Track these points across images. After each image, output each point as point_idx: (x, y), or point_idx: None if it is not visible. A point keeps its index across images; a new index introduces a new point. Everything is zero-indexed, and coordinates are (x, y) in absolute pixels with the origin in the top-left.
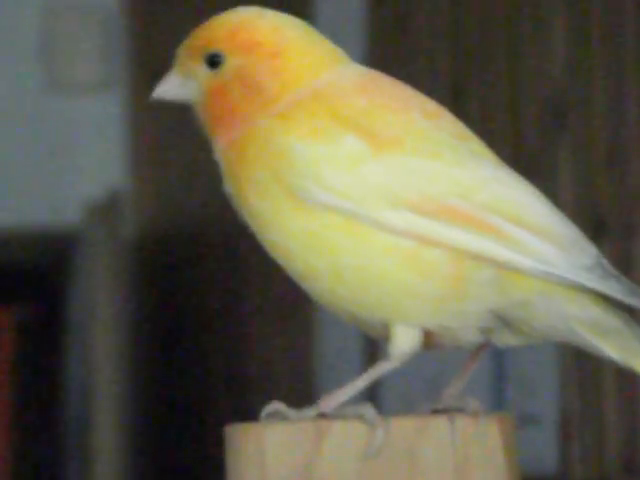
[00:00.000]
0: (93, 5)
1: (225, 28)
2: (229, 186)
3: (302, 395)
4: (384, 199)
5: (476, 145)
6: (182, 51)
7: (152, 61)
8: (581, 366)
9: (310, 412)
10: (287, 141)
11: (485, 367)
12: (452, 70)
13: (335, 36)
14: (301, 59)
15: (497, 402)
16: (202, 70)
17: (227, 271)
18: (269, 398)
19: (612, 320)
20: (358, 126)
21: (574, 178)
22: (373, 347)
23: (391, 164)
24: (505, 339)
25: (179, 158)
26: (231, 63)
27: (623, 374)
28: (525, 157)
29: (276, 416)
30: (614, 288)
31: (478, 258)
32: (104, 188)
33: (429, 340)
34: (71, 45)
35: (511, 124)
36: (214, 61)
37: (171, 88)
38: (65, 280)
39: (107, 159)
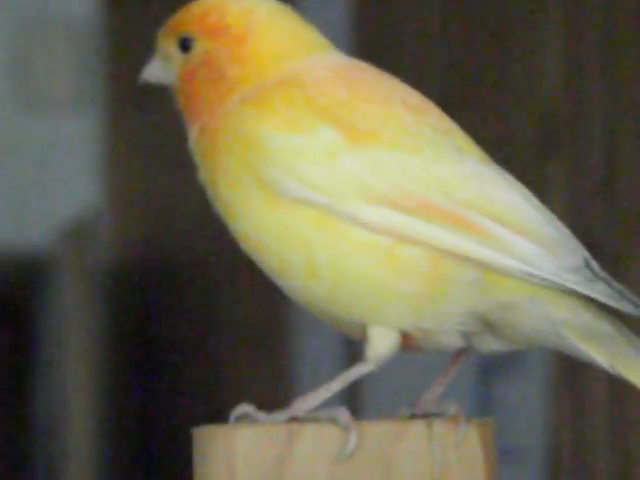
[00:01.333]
0: (67, 23)
1: (196, 12)
2: (202, 174)
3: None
4: (360, 193)
5: (461, 141)
6: (161, 35)
7: (127, 79)
8: (572, 396)
9: (281, 416)
10: (260, 130)
11: (471, 395)
12: (441, 87)
13: None
14: (270, 45)
15: None
16: (177, 54)
17: (202, 295)
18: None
19: (602, 325)
20: (335, 117)
21: (566, 200)
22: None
23: (368, 157)
24: (488, 343)
25: (154, 180)
26: (200, 47)
27: (615, 405)
28: (516, 177)
29: (245, 419)
30: (601, 291)
31: (458, 257)
32: (77, 209)
33: (408, 342)
34: (44, 63)
35: (502, 143)
36: (186, 45)
37: (154, 71)
38: (35, 304)
39: (80, 180)
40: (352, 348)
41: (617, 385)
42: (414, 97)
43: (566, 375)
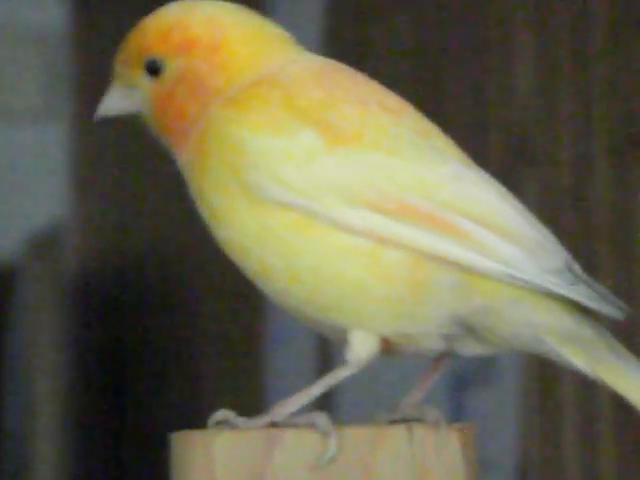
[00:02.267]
0: (36, 33)
1: (158, 31)
2: (191, 187)
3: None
4: (341, 196)
5: (441, 142)
6: (119, 61)
7: (96, 90)
8: (543, 407)
9: (260, 421)
10: (241, 133)
11: (441, 406)
12: (412, 100)
13: None
14: (244, 47)
15: None
16: (143, 79)
17: (171, 306)
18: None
19: (583, 329)
20: (315, 119)
21: (538, 216)
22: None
23: (348, 159)
24: (468, 347)
25: (123, 191)
26: (171, 67)
27: (586, 418)
28: None
29: (224, 424)
30: (583, 294)
31: (439, 260)
32: (46, 220)
33: (389, 346)
34: (13, 73)
35: (474, 156)
36: (154, 68)
37: (114, 103)
38: (4, 314)
39: (49, 191)
40: (326, 359)
41: (588, 397)
42: (392, 99)
43: (537, 386)
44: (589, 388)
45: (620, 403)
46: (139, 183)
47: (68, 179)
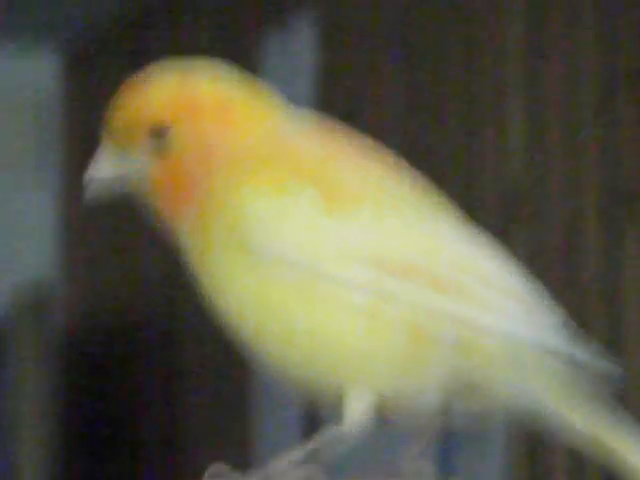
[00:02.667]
0: (26, 99)
1: (163, 96)
2: (189, 260)
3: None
4: (341, 255)
5: (437, 201)
6: (116, 126)
7: (86, 154)
8: (532, 466)
9: (255, 476)
10: (243, 194)
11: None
12: (404, 158)
13: None
14: (248, 107)
15: None
16: (145, 145)
17: (157, 368)
18: None
19: (579, 387)
20: (315, 179)
21: (528, 273)
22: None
23: (349, 219)
24: (466, 406)
25: (109, 252)
26: (177, 132)
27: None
28: None
29: (219, 478)
30: (582, 352)
31: (439, 318)
32: (34, 282)
33: (386, 404)
34: (3, 137)
35: (465, 215)
36: (159, 134)
37: (107, 167)
38: None
39: (37, 252)
40: (312, 422)
41: (577, 466)
42: (389, 158)
43: (525, 450)
44: (579, 458)
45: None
46: (125, 245)
47: (56, 241)
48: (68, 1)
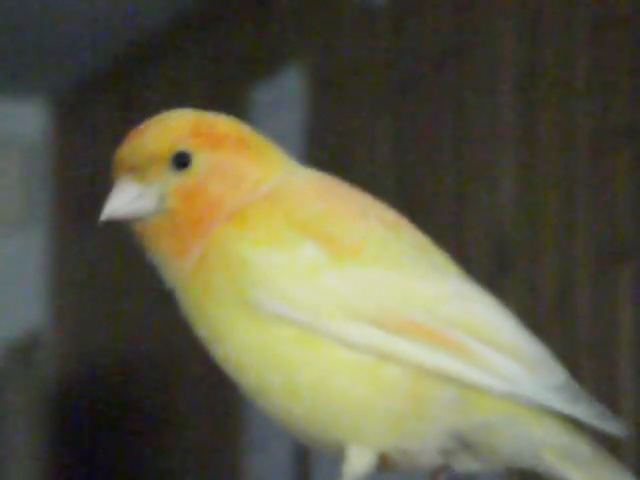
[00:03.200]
0: (15, 142)
1: (184, 126)
2: (184, 298)
3: None
4: (342, 311)
5: (438, 257)
6: (137, 159)
7: (73, 199)
8: None
9: None
10: (242, 249)
11: None
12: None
13: None
14: (262, 149)
15: None
16: (167, 173)
17: (149, 413)
18: None
19: (580, 446)
20: (316, 232)
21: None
22: (302, 474)
23: (350, 274)
24: (465, 463)
25: (100, 298)
26: (200, 159)
27: None
28: None
29: None
30: (584, 411)
31: (440, 376)
32: (23, 328)
33: (386, 461)
34: None
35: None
36: (181, 161)
37: (127, 201)
38: None
39: (27, 298)
40: (302, 466)
41: None
42: (389, 213)
43: None
44: None
45: None
46: (117, 291)
47: (47, 287)
48: (55, 51)
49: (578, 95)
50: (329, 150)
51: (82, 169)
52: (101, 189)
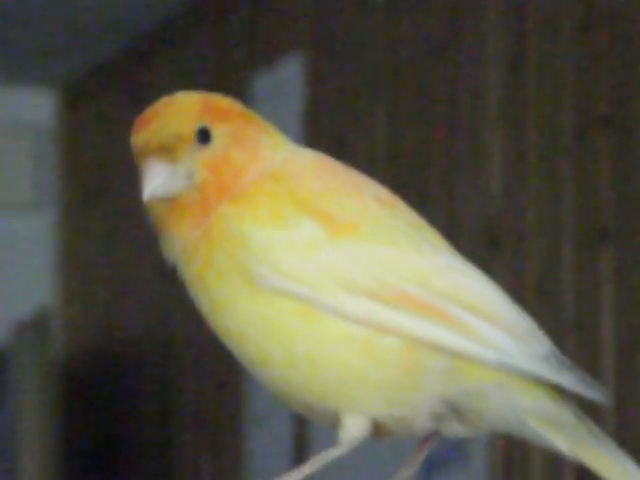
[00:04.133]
0: (26, 128)
1: (196, 105)
2: (187, 271)
3: None
4: (340, 285)
5: (430, 234)
6: (161, 140)
7: (82, 183)
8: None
9: None
10: (244, 226)
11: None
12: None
13: None
14: (264, 125)
15: None
16: (194, 149)
17: (155, 388)
18: None
19: (565, 413)
20: (315, 210)
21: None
22: (300, 446)
23: (348, 250)
24: (455, 429)
25: (107, 278)
26: (220, 132)
27: None
28: None
29: None
30: (568, 379)
31: (433, 346)
32: (33, 306)
33: (380, 427)
34: (3, 164)
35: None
36: (204, 136)
37: (164, 180)
38: None
39: (37, 278)
40: (301, 438)
41: (550, 476)
42: (384, 193)
43: (503, 469)
44: (555, 473)
45: None
46: (122, 272)
47: (55, 269)
48: (65, 41)
49: (562, 85)
50: (327, 137)
51: (90, 154)
52: (108, 174)
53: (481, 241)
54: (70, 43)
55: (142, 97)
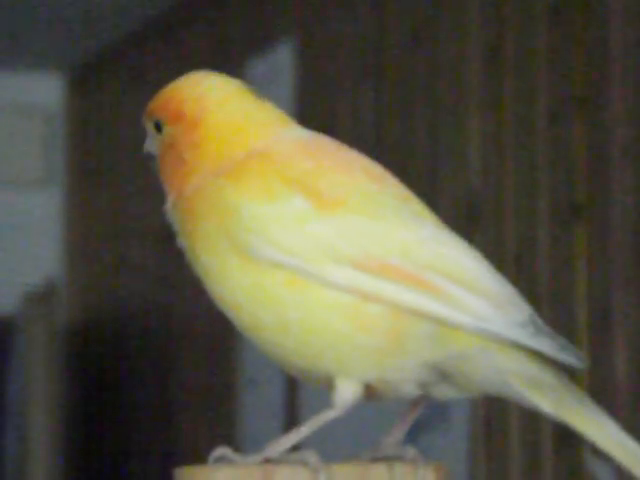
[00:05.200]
0: (36, 110)
1: (163, 98)
2: (181, 240)
3: None
4: (328, 256)
5: (417, 206)
6: (144, 116)
7: (87, 161)
8: (489, 450)
9: (256, 457)
10: (237, 200)
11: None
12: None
13: None
14: (226, 125)
15: None
16: (154, 134)
17: (156, 357)
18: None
19: (546, 376)
20: (305, 186)
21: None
22: (292, 410)
23: (335, 223)
24: (442, 392)
25: (110, 251)
26: (167, 131)
27: (528, 463)
28: None
29: (223, 461)
30: (546, 345)
31: (417, 314)
32: (41, 277)
33: (371, 391)
34: (12, 144)
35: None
36: (158, 128)
37: (149, 144)
38: (3, 363)
39: (44, 250)
40: (293, 402)
41: (532, 441)
42: (373, 167)
43: (483, 432)
44: (533, 436)
45: (562, 448)
46: (125, 243)
47: (61, 242)
48: (73, 27)
49: (537, 68)
50: (317, 120)
51: (96, 134)
52: (112, 152)
53: (461, 216)
54: (76, 29)
55: (144, 80)
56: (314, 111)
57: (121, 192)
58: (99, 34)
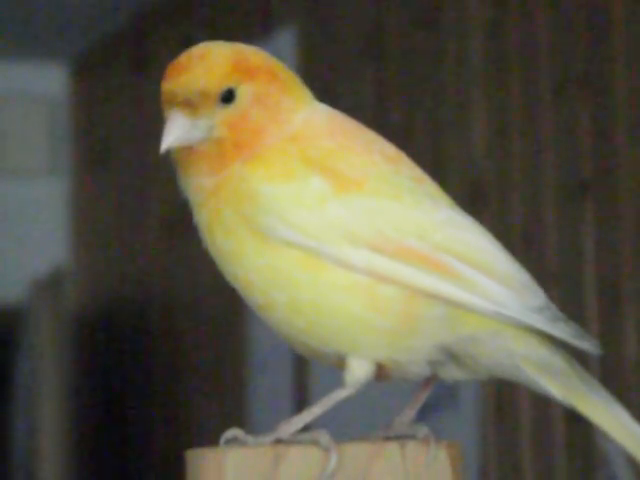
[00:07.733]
0: (41, 100)
1: (226, 62)
2: (199, 218)
3: None
4: (344, 237)
5: (432, 188)
6: (186, 94)
7: (92, 150)
8: (499, 430)
9: (268, 438)
10: (255, 181)
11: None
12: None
13: None
14: (290, 81)
15: None
16: (216, 107)
17: (164, 342)
18: None
19: (557, 361)
20: (323, 167)
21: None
22: (301, 390)
23: (352, 204)
24: (452, 373)
25: (117, 238)
26: (244, 92)
27: (539, 443)
28: None
29: (234, 442)
30: (562, 330)
31: (433, 297)
32: (48, 265)
33: (382, 371)
34: (19, 134)
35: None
36: (229, 96)
37: (182, 133)
38: (12, 351)
39: (51, 239)
40: (301, 382)
41: (542, 422)
42: (390, 148)
43: (493, 412)
44: (543, 415)
45: (572, 427)
46: (131, 230)
47: (68, 229)
48: (76, 17)
49: (540, 47)
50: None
51: (100, 123)
52: (116, 140)
53: (468, 195)
54: (80, 18)
55: (147, 67)
56: (316, 94)
57: (126, 179)
58: (103, 23)
